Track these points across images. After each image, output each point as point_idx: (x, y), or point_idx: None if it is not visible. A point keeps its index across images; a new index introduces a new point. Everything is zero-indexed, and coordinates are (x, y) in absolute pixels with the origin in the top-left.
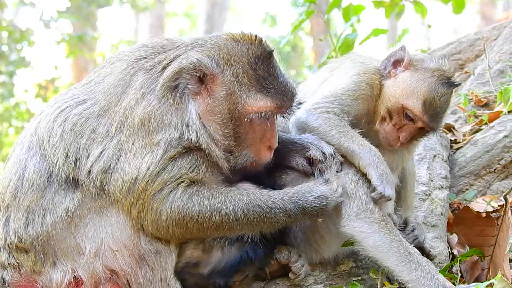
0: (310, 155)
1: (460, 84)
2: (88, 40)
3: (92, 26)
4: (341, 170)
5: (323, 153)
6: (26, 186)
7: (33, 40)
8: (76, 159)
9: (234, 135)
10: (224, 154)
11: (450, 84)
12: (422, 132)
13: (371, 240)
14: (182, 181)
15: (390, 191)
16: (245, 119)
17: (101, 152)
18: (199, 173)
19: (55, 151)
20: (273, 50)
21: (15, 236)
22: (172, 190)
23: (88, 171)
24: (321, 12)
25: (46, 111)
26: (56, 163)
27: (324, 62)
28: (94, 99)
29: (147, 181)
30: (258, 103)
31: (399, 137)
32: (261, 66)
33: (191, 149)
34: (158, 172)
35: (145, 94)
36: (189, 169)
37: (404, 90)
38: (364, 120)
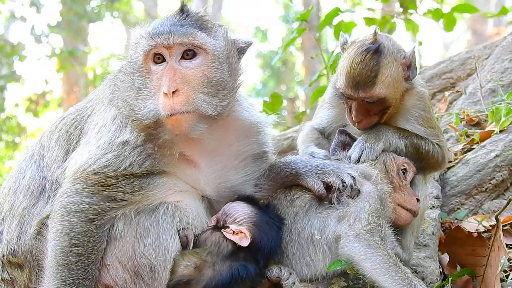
0: (330, 182)
1: (380, 45)
2: (79, 54)
3: (83, 40)
4: (357, 197)
5: (343, 182)
6: (22, 194)
7: (24, 55)
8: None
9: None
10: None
11: (367, 50)
12: (374, 107)
13: (368, 263)
14: None
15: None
16: (139, 68)
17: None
18: None
19: (51, 155)
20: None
21: (7, 249)
22: None
23: None
24: (312, 28)
25: (52, 121)
26: (52, 166)
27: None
28: (91, 103)
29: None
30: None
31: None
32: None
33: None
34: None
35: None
36: None
37: (336, 74)
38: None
